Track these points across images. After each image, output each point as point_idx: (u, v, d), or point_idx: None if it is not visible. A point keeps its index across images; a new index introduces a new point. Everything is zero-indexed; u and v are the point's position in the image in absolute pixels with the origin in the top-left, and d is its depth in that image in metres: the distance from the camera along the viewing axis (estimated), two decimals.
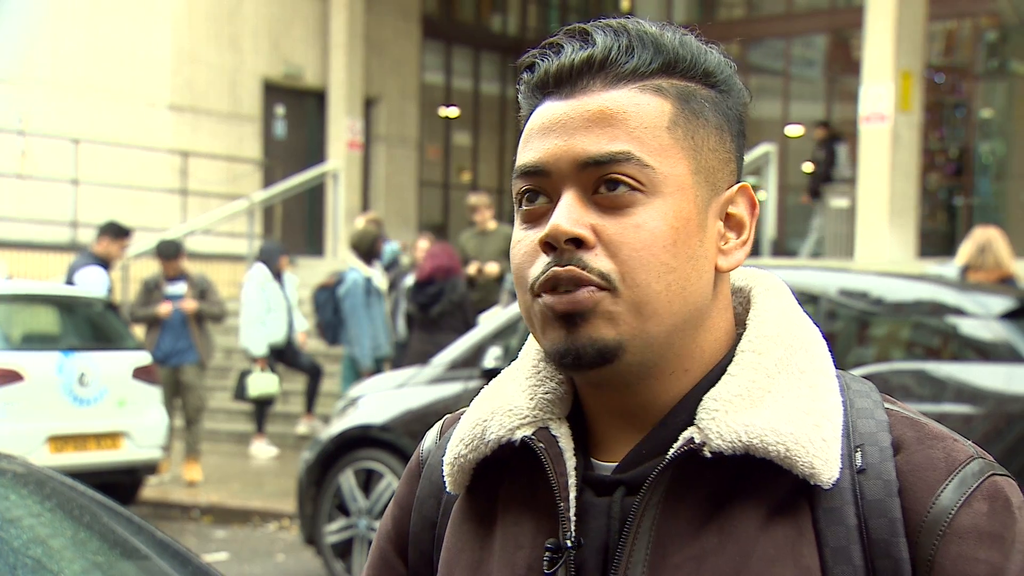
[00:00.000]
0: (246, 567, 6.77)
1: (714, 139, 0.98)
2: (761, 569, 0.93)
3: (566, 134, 0.95)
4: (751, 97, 1.03)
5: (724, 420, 0.94)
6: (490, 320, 6.42)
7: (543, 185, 0.97)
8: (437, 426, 1.15)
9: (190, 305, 8.64)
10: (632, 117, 0.95)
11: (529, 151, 0.98)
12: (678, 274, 0.94)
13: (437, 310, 8.31)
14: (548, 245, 0.94)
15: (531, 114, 1.00)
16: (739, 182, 1.01)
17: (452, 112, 17.19)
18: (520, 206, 0.98)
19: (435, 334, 7.62)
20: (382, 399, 6.16)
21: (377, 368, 8.95)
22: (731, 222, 1.00)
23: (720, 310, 1.00)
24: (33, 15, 13.76)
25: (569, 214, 0.94)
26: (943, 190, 14.46)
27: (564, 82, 0.97)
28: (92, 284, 8.29)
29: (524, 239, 0.98)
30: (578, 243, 0.94)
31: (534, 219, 0.97)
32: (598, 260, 0.93)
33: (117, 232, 8.70)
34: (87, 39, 13.66)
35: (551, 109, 0.97)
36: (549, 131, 0.96)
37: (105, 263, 8.60)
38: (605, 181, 0.94)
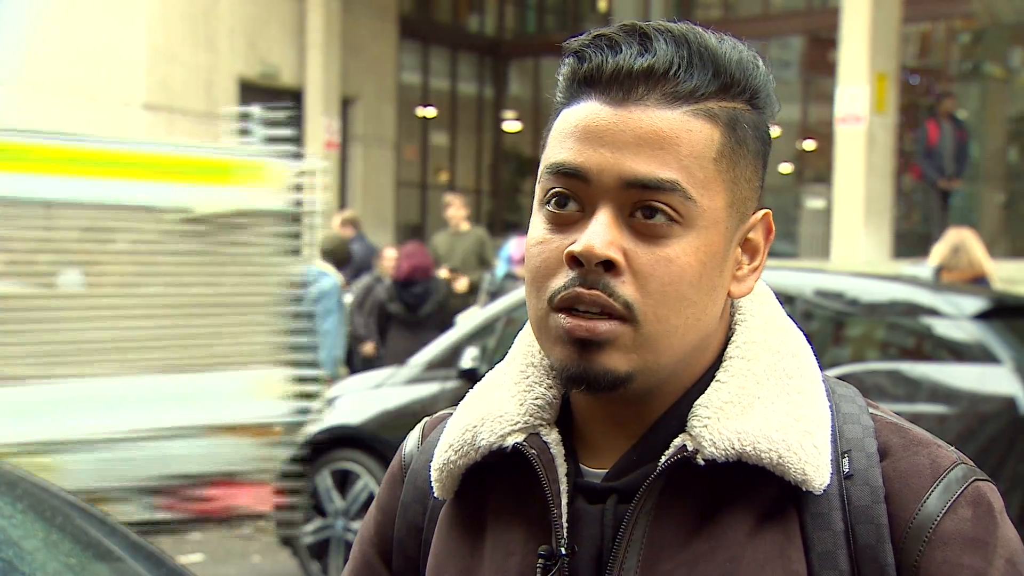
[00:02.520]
0: (221, 568, 6.74)
1: (751, 169, 0.97)
2: (751, 574, 0.93)
3: (615, 147, 0.92)
4: (780, 108, 1.01)
5: (716, 427, 0.94)
6: (468, 320, 6.42)
7: (578, 190, 0.94)
8: (418, 429, 1.13)
9: None
10: (684, 144, 0.93)
11: (568, 151, 0.94)
12: (697, 307, 0.94)
13: (427, 310, 8.25)
14: (576, 261, 0.92)
15: (569, 105, 0.96)
16: (759, 206, 1.00)
17: (429, 112, 17.17)
18: (546, 204, 0.96)
19: (420, 333, 7.59)
20: (359, 399, 6.14)
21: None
22: (747, 247, 0.99)
23: (722, 329, 1.00)
24: (6, 14, 13.64)
25: (605, 235, 0.92)
26: (918, 191, 14.55)
27: (617, 86, 0.93)
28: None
29: (548, 243, 0.95)
30: (608, 265, 0.92)
31: (561, 223, 0.95)
32: (625, 288, 0.92)
33: None
34: (61, 38, 13.57)
35: (599, 113, 0.94)
36: (595, 137, 0.93)
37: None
38: (644, 206, 0.92)
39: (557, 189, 0.95)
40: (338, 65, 14.65)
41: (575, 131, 0.95)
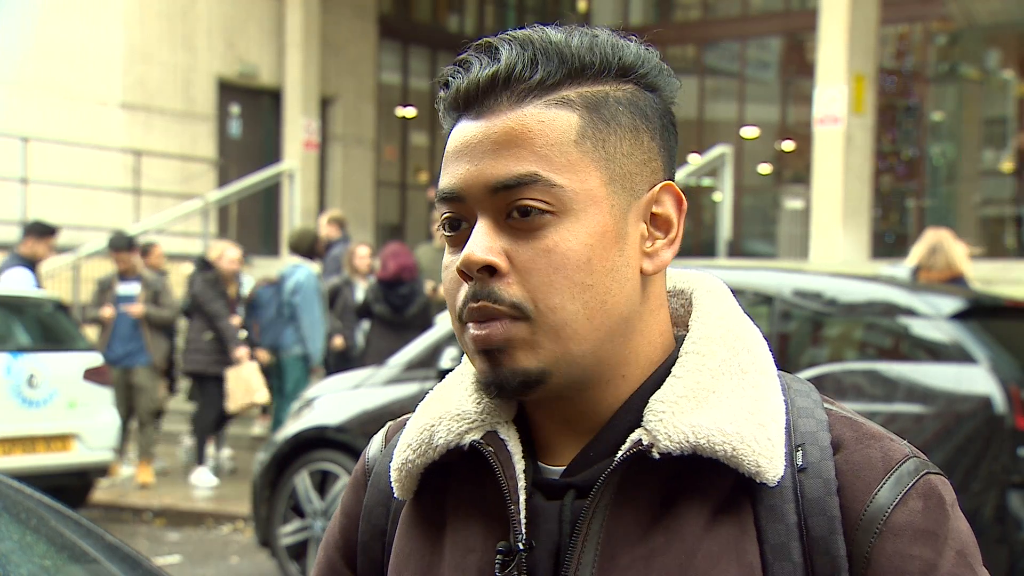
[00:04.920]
0: (199, 570, 6.70)
1: (628, 143, 0.97)
2: (707, 567, 0.94)
3: (476, 158, 0.95)
4: (680, 86, 1.02)
5: (671, 421, 0.95)
6: (447, 321, 6.41)
7: (460, 210, 0.97)
8: (381, 433, 1.15)
9: (136, 309, 8.52)
10: (537, 136, 0.94)
11: (446, 175, 0.98)
12: (596, 290, 0.94)
13: (413, 311, 8.21)
14: (464, 274, 0.95)
15: (449, 132, 1.00)
16: (669, 178, 1.00)
17: (409, 112, 17.14)
18: (444, 231, 0.99)
19: (404, 334, 7.57)
20: (338, 400, 6.12)
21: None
22: (657, 222, 0.99)
23: (652, 312, 1.00)
24: None
25: (481, 242, 0.94)
26: (895, 192, 14.64)
27: (473, 101, 0.97)
28: (18, 286, 8.11)
29: (449, 265, 0.98)
30: (492, 271, 0.94)
31: (457, 244, 0.98)
32: (510, 289, 0.94)
33: (41, 231, 8.50)
34: (38, 37, 13.47)
35: (463, 131, 0.97)
36: (461, 155, 0.96)
37: (31, 263, 8.41)
38: (516, 206, 0.94)
39: (446, 214, 0.98)
40: (317, 65, 14.61)
41: (449, 155, 0.98)
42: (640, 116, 0.98)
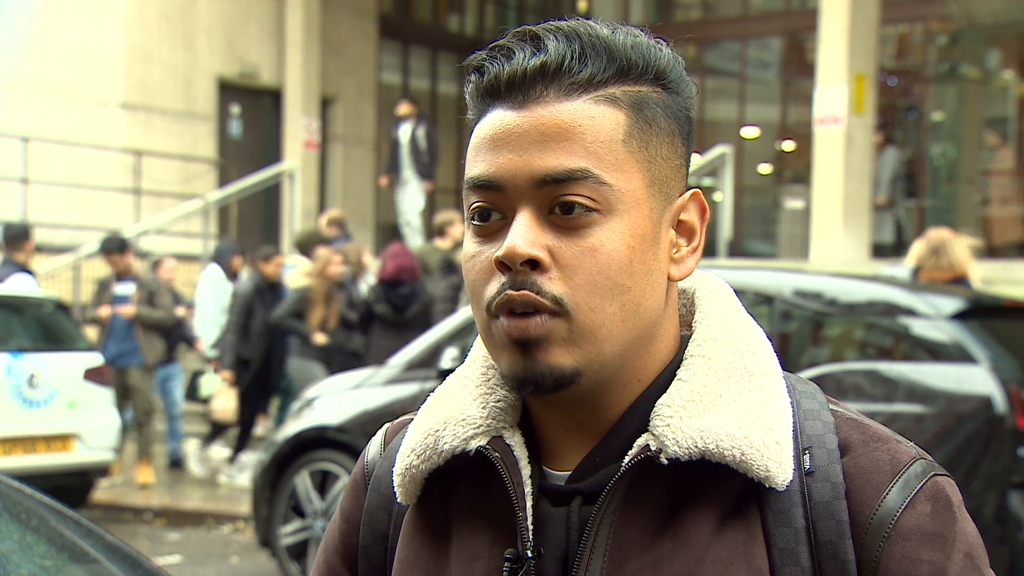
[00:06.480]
0: (199, 570, 6.70)
1: (666, 147, 0.97)
2: (716, 573, 0.93)
3: (521, 148, 0.93)
4: (697, 91, 1.02)
5: (679, 426, 0.94)
6: (447, 321, 6.41)
7: (497, 200, 0.95)
8: (380, 435, 1.13)
9: (127, 310, 8.51)
10: (588, 132, 0.93)
11: (481, 163, 0.95)
12: (633, 293, 0.94)
13: (414, 311, 8.21)
14: (503, 265, 0.93)
15: (479, 120, 0.97)
16: (688, 185, 1.00)
17: None
18: (472, 219, 0.97)
19: (405, 334, 7.57)
20: (338, 400, 6.12)
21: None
22: (682, 229, 0.99)
23: (669, 316, 1.00)
24: None
25: (525, 235, 0.92)
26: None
27: (516, 90, 0.94)
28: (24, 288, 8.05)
29: (478, 255, 0.96)
30: (534, 264, 0.92)
31: (488, 234, 0.96)
32: (552, 284, 0.92)
33: (22, 234, 8.41)
34: (38, 37, 13.47)
35: (503, 119, 0.95)
36: (503, 144, 0.94)
37: (28, 270, 8.33)
38: (561, 201, 0.93)
39: (478, 203, 0.96)
40: (318, 65, 14.60)
41: (484, 142, 0.95)
42: (674, 120, 0.98)
